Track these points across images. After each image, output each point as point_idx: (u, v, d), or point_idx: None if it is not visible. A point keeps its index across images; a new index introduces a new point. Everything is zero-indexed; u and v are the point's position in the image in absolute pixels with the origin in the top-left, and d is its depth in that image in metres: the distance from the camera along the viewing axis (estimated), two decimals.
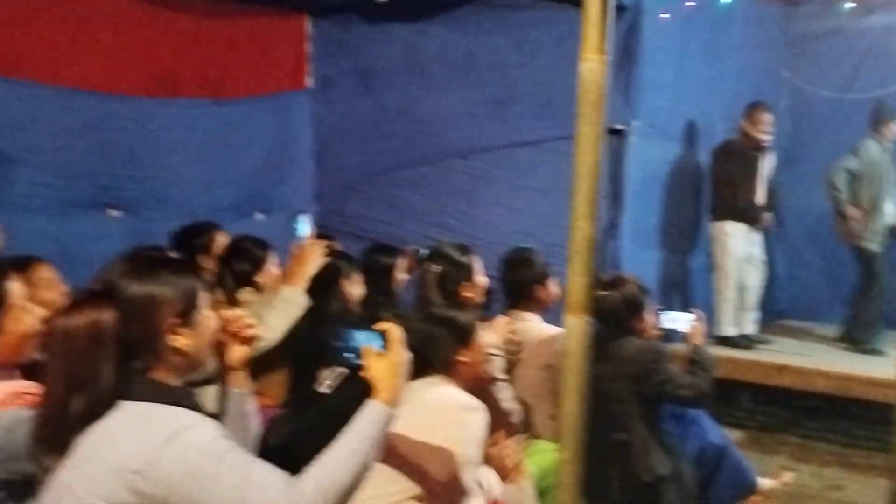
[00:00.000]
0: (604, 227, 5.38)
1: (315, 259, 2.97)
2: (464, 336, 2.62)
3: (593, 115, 1.80)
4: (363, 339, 1.79)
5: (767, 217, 5.74)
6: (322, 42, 5.80)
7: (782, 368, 5.22)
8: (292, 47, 5.56)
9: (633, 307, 3.35)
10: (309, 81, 5.75)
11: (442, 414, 2.46)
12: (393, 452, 2.24)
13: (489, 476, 2.64)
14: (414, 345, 1.84)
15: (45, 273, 2.77)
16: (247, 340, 1.86)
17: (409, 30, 5.52)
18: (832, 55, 6.52)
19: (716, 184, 5.71)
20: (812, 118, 6.63)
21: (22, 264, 2.63)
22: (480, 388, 2.70)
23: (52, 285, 2.76)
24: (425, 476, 2.28)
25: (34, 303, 2.11)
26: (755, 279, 5.77)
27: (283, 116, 5.57)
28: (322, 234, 3.89)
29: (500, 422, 2.90)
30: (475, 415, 2.43)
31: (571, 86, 5.28)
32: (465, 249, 3.34)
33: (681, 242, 5.90)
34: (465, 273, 3.24)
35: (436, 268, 3.20)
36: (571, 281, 1.81)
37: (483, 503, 2.45)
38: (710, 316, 5.78)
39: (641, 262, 5.49)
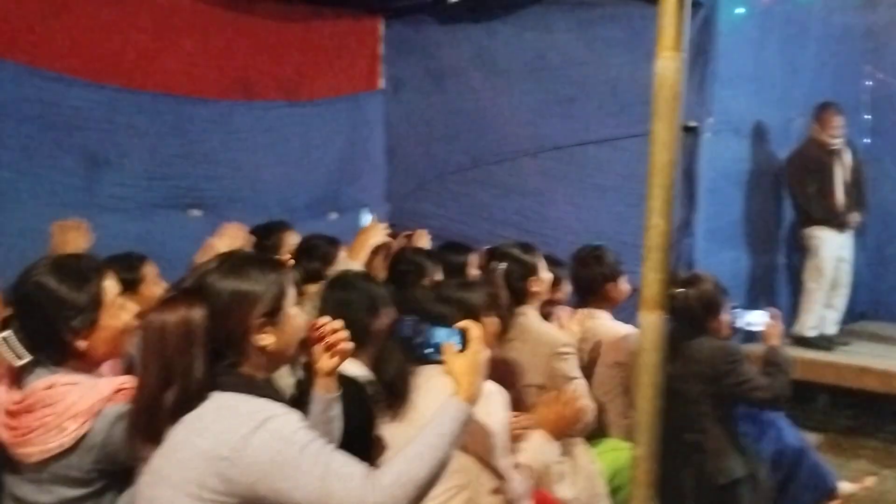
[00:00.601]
0: (677, 225, 5.32)
1: (376, 235, 3.07)
2: (473, 316, 2.57)
3: (668, 112, 1.80)
4: (443, 336, 1.82)
5: (854, 217, 5.59)
6: (394, 43, 5.89)
7: (863, 370, 5.08)
8: (366, 49, 5.66)
9: (710, 306, 3.32)
10: (381, 82, 5.84)
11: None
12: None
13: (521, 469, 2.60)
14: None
15: (149, 270, 2.92)
16: (340, 353, 1.88)
17: (480, 30, 5.56)
18: None
19: (794, 193, 5.62)
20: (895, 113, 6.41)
21: (128, 261, 2.78)
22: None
23: (155, 282, 2.89)
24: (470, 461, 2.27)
25: (139, 298, 2.22)
26: (845, 280, 5.65)
27: (357, 117, 5.68)
28: (394, 233, 3.96)
29: (574, 419, 2.90)
30: (497, 399, 2.37)
31: (643, 83, 5.23)
32: (528, 247, 3.36)
33: (756, 241, 5.78)
34: (530, 270, 3.25)
35: (501, 266, 3.23)
36: (646, 278, 1.81)
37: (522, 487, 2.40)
38: (789, 316, 5.68)
39: (716, 261, 5.40)
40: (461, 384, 1.72)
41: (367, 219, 4.36)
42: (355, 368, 2.31)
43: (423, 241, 3.89)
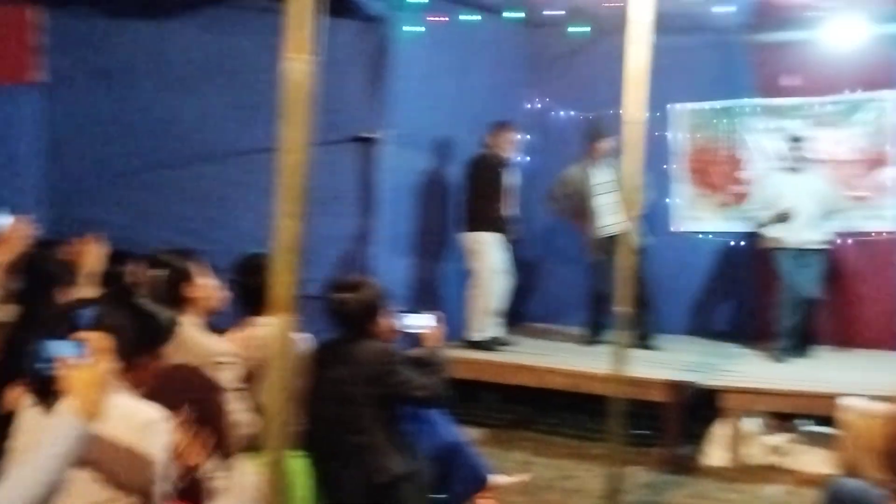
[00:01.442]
0: (356, 233, 5.46)
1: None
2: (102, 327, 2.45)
3: (298, 114, 1.81)
4: (60, 349, 1.68)
5: (517, 228, 6.06)
6: (58, 35, 5.41)
7: (521, 368, 5.54)
8: (18, 39, 5.12)
9: (371, 310, 3.40)
10: (41, 76, 5.33)
11: (133, 423, 2.32)
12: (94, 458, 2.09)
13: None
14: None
15: None
16: None
17: (154, 28, 5.30)
18: (569, 76, 7.02)
19: (468, 196, 5.96)
20: (551, 134, 7.10)
21: None
22: (203, 397, 2.60)
23: None
24: (124, 485, 2.14)
25: None
26: (504, 286, 6.06)
27: (7, 112, 5.12)
28: (53, 240, 3.64)
29: (228, 434, 2.83)
30: (159, 427, 2.28)
31: (326, 92, 5.29)
32: (186, 254, 3.25)
33: (432, 249, 6.10)
34: (186, 276, 3.14)
35: (156, 273, 3.08)
36: (276, 280, 1.80)
37: None
38: (460, 320, 6.04)
39: (393, 268, 5.62)
40: (75, 399, 1.63)
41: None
42: None
43: (92, 249, 3.57)
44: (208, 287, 3.26)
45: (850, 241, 6.26)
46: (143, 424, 2.26)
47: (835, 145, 6.35)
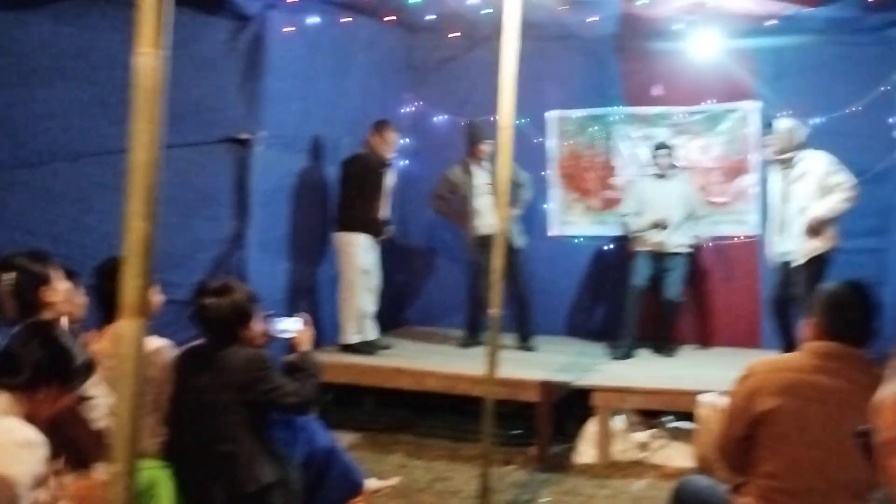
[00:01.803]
0: (230, 236, 5.32)
1: None
2: None
3: (148, 110, 1.74)
4: None
5: (389, 229, 6.03)
6: None
7: (398, 371, 5.53)
8: None
9: (241, 315, 3.32)
10: None
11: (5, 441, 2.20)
12: None
13: None
14: None
15: None
16: None
17: (9, 18, 4.97)
18: (447, 81, 7.09)
19: (342, 195, 5.88)
20: (432, 138, 7.14)
21: None
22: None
23: None
24: None
25: None
26: (376, 288, 6.03)
27: None
28: None
29: (93, 443, 2.70)
30: (27, 451, 2.17)
31: (196, 91, 5.12)
32: (39, 256, 3.08)
33: (307, 253, 6.01)
34: (42, 280, 2.98)
35: (8, 277, 2.90)
36: (126, 284, 1.72)
37: None
38: (334, 324, 5.98)
39: (268, 272, 5.52)
40: None
41: None
42: None
43: None
44: (66, 292, 3.10)
45: (712, 245, 6.57)
46: (16, 444, 2.14)
47: (698, 153, 6.67)
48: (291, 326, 3.56)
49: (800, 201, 5.32)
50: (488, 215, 5.86)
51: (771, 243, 5.57)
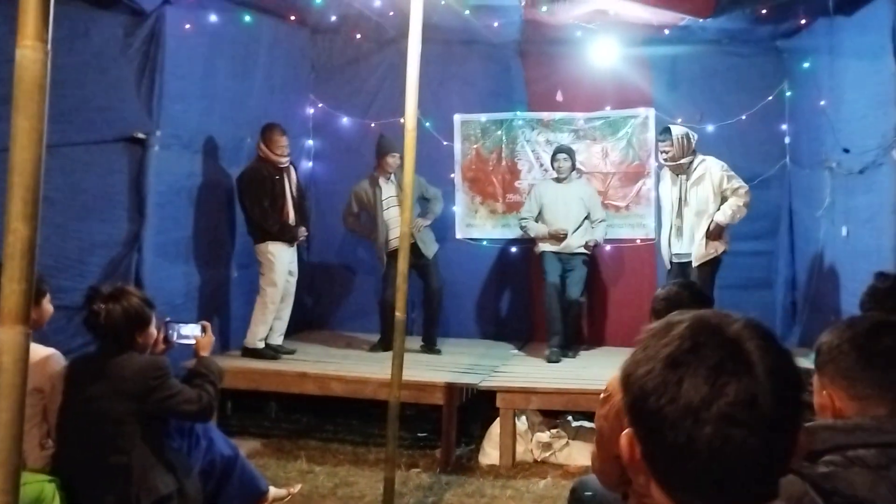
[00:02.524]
0: (126, 239, 5.13)
1: None
2: None
3: (30, 106, 1.65)
4: None
5: (301, 232, 5.91)
6: None
7: (304, 376, 5.44)
8: None
9: (136, 321, 3.20)
10: None
11: None
12: None
13: None
14: None
15: None
16: None
17: None
18: (352, 83, 7.03)
19: (246, 210, 5.72)
20: (337, 140, 7.08)
21: None
22: None
23: None
24: None
25: None
26: (291, 292, 5.95)
27: None
28: None
29: None
30: None
31: (87, 87, 4.89)
32: None
33: (208, 255, 5.86)
34: None
35: None
36: (6, 288, 1.62)
37: None
38: (239, 328, 5.85)
39: (166, 276, 5.36)
40: None
41: None
42: None
43: None
44: None
45: (611, 247, 6.73)
46: None
47: (598, 158, 6.83)
48: (191, 332, 3.47)
49: (697, 205, 5.51)
50: (397, 228, 5.78)
51: (665, 245, 5.74)
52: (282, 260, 5.76)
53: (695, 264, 5.51)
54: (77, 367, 3.20)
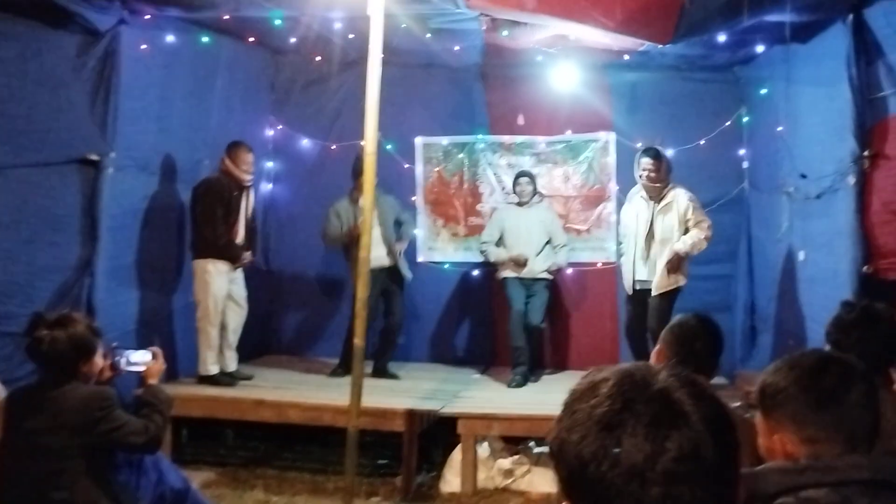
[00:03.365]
0: (77, 263, 4.99)
1: None
2: None
3: None
4: None
5: (247, 255, 5.79)
6: None
7: (260, 403, 5.32)
8: None
9: (81, 349, 3.08)
10: None
11: None
12: None
13: None
14: None
15: None
16: None
17: None
18: (312, 104, 6.97)
19: (196, 221, 5.58)
20: (297, 162, 7.00)
21: None
22: None
23: None
24: None
25: None
26: (237, 317, 5.80)
27: None
28: None
29: None
30: None
31: (42, 108, 4.79)
32: None
33: (162, 280, 5.73)
34: None
35: None
36: None
37: None
38: (191, 355, 5.72)
39: (118, 301, 5.24)
40: None
41: None
42: None
43: None
44: None
45: (572, 271, 6.72)
46: None
47: (559, 181, 6.83)
48: (140, 359, 3.35)
49: (662, 233, 5.52)
50: (375, 248, 5.66)
51: (628, 270, 5.73)
52: (217, 283, 5.54)
53: (654, 293, 5.51)
54: (17, 399, 3.07)
